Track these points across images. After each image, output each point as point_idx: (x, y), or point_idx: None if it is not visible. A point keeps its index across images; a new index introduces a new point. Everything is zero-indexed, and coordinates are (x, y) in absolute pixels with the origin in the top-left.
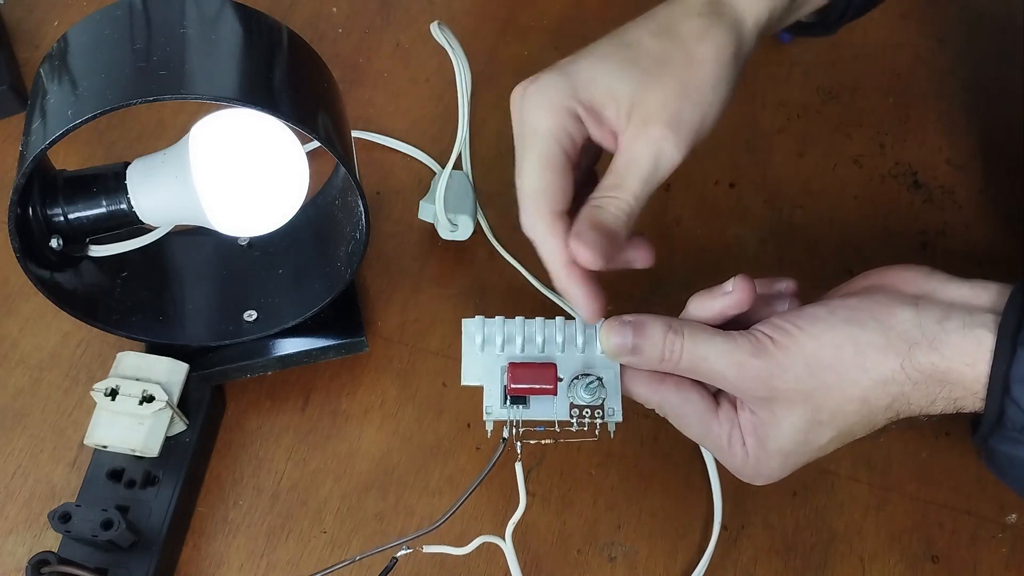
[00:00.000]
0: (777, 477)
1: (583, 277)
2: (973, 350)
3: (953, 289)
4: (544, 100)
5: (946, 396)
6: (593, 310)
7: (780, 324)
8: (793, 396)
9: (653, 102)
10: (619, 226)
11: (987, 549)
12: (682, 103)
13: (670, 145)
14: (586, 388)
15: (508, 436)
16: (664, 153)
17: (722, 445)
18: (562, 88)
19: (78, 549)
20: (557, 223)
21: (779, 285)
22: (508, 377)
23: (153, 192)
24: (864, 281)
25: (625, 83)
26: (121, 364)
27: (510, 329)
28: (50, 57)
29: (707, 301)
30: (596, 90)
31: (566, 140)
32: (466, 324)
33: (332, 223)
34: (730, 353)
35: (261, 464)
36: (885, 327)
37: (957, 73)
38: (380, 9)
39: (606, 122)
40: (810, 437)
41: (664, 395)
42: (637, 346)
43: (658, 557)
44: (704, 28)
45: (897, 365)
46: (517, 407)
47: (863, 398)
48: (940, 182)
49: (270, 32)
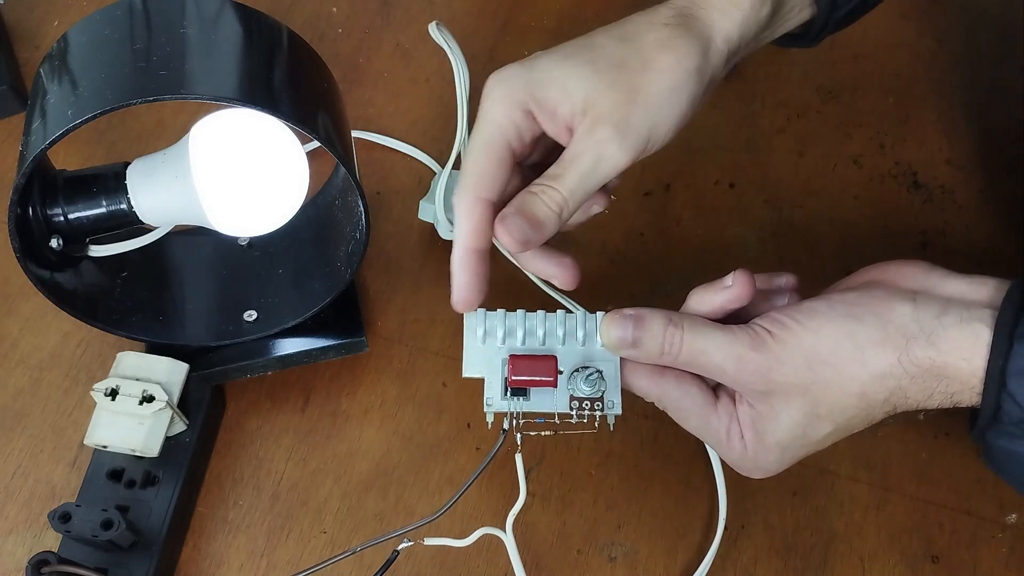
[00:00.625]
0: (775, 470)
1: (474, 266)
2: (970, 345)
3: (951, 284)
4: (499, 92)
5: (943, 391)
6: (465, 300)
7: (779, 318)
8: (791, 390)
9: (604, 104)
10: (547, 217)
11: (987, 549)
12: (632, 108)
13: (614, 147)
14: (586, 380)
15: (508, 428)
16: (607, 154)
17: (721, 438)
18: (518, 82)
19: (78, 549)
20: (476, 207)
21: (779, 280)
22: (509, 369)
23: (153, 192)
24: (863, 276)
25: (580, 83)
26: (121, 364)
27: (511, 322)
28: (50, 57)
29: (707, 295)
30: (552, 87)
31: (512, 132)
32: (468, 316)
33: (332, 223)
34: (729, 347)
35: (261, 464)
36: (883, 322)
37: (957, 73)
38: (380, 9)
39: (560, 118)
40: (808, 431)
41: (663, 388)
42: (637, 339)
43: (658, 557)
44: (667, 38)
45: (895, 359)
46: (517, 399)
47: (861, 392)
48: (940, 182)
49: (270, 32)
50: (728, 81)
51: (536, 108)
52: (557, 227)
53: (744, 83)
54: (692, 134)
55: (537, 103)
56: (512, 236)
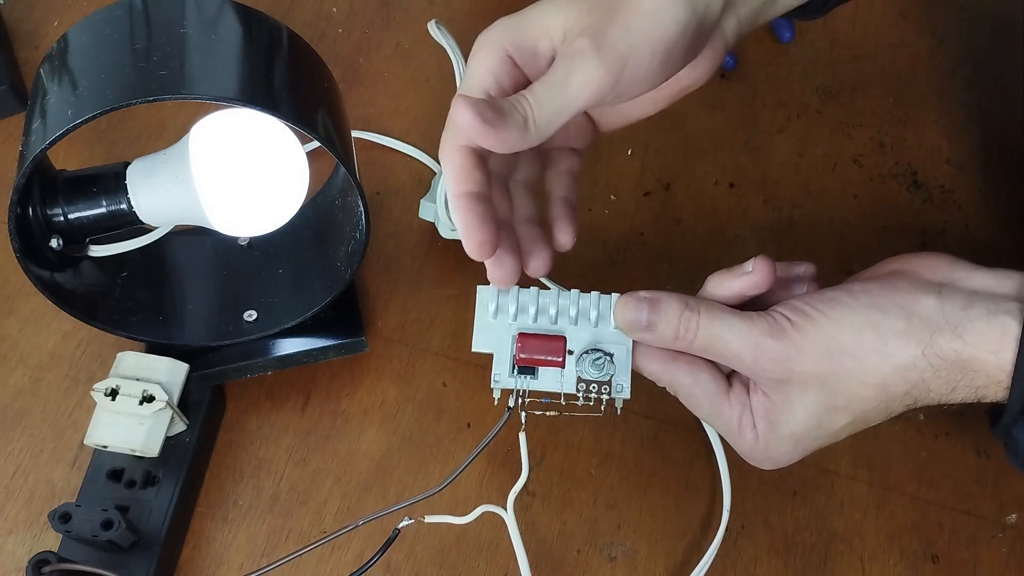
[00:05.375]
0: (786, 462)
1: (472, 207)
2: (997, 338)
3: (977, 278)
4: (480, 43)
5: (967, 384)
6: (476, 242)
7: (799, 306)
8: (809, 379)
9: (581, 23)
10: (510, 110)
11: (987, 549)
12: (609, 25)
13: (586, 58)
14: (593, 364)
15: (514, 405)
16: (578, 65)
17: (732, 427)
18: (496, 30)
19: (78, 549)
20: (456, 153)
21: (798, 268)
22: (517, 347)
23: (153, 192)
24: (886, 267)
25: (559, 14)
26: (121, 364)
27: (524, 298)
28: (50, 57)
29: (726, 280)
30: (529, 27)
31: (489, 79)
32: (480, 291)
33: (332, 223)
34: (746, 333)
35: (261, 464)
36: (907, 313)
37: (957, 73)
38: (380, 9)
39: (541, 56)
40: (824, 421)
41: (675, 374)
42: (652, 323)
43: (658, 557)
44: None
45: (918, 351)
46: (525, 377)
47: (881, 384)
48: (940, 182)
49: (270, 32)
50: (728, 81)
51: (515, 51)
52: (522, 136)
53: (744, 83)
54: (692, 134)
55: (515, 46)
56: (471, 108)
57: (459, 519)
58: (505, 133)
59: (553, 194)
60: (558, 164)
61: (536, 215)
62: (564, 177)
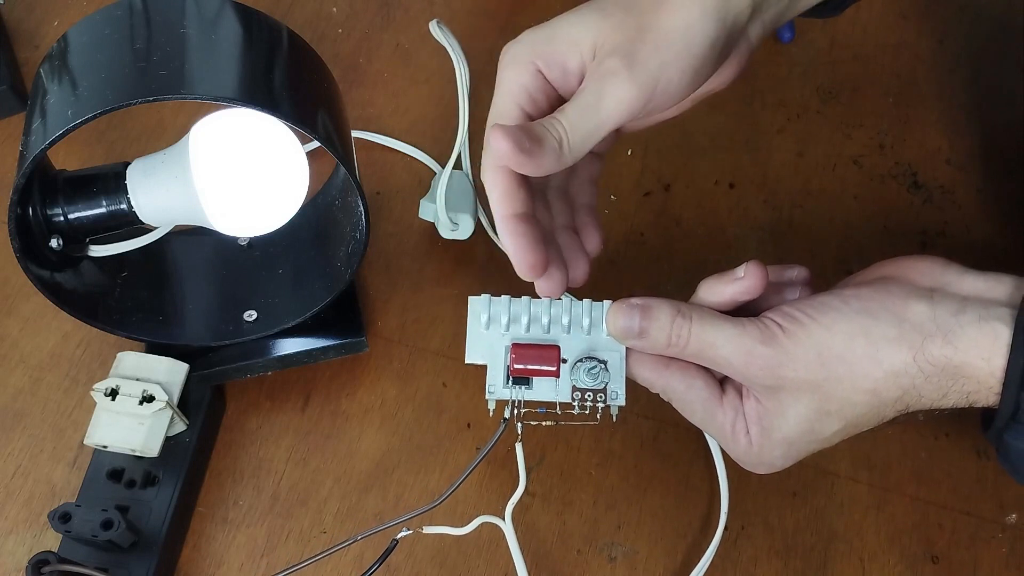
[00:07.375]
0: (780, 467)
1: (519, 230)
2: (989, 344)
3: (968, 282)
4: (509, 57)
5: (959, 390)
6: (526, 263)
7: (791, 312)
8: (801, 385)
9: (611, 41)
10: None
11: (987, 549)
12: (640, 44)
13: (619, 79)
14: (588, 372)
15: (509, 416)
16: (611, 86)
17: (726, 433)
18: (525, 44)
19: (78, 549)
20: (499, 176)
21: (790, 272)
22: (511, 358)
23: (153, 192)
24: (877, 271)
25: (587, 31)
26: (121, 364)
27: (516, 308)
28: (50, 57)
29: (717, 286)
30: (558, 41)
31: (523, 96)
32: (472, 302)
33: (332, 223)
34: (738, 340)
35: (261, 464)
36: (899, 319)
37: (957, 73)
38: (380, 9)
39: (571, 73)
40: (816, 427)
41: (668, 380)
42: (644, 329)
43: (658, 557)
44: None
45: (910, 357)
46: (520, 387)
47: (873, 390)
48: (940, 182)
49: (270, 32)
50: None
51: (544, 66)
52: (557, 160)
53: (744, 83)
54: (692, 134)
55: (545, 61)
56: (508, 137)
57: (457, 530)
58: (541, 159)
59: (577, 201)
60: (581, 171)
61: (572, 221)
62: (587, 185)
